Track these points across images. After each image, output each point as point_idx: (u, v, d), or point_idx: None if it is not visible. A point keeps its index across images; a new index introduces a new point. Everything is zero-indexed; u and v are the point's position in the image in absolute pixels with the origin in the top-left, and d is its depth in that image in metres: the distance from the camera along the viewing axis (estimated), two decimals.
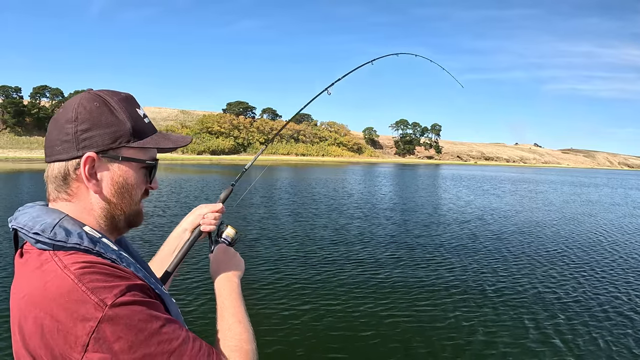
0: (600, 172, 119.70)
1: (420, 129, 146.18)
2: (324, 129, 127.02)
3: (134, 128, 0.91)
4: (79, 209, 0.90)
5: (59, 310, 0.74)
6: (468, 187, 32.44)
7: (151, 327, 0.77)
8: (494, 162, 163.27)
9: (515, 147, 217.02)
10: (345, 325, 5.77)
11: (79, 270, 0.77)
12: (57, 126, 0.89)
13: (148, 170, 0.96)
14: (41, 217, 0.85)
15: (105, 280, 0.77)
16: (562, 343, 5.49)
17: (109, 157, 0.89)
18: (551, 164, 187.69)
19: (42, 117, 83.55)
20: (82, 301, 0.74)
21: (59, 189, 0.90)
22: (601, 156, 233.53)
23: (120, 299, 0.76)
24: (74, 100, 0.89)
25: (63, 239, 0.81)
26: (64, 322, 0.74)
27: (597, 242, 12.31)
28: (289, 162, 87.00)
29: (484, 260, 9.51)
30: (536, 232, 13.39)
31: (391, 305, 6.53)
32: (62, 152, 0.88)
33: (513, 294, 7.26)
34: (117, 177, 0.91)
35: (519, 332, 5.77)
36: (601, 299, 7.17)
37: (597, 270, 9.07)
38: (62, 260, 0.79)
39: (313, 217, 14.69)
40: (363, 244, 10.64)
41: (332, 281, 7.61)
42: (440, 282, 7.74)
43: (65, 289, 0.75)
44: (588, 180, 57.16)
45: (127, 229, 0.99)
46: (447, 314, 6.27)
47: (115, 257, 0.85)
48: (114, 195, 0.92)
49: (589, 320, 6.22)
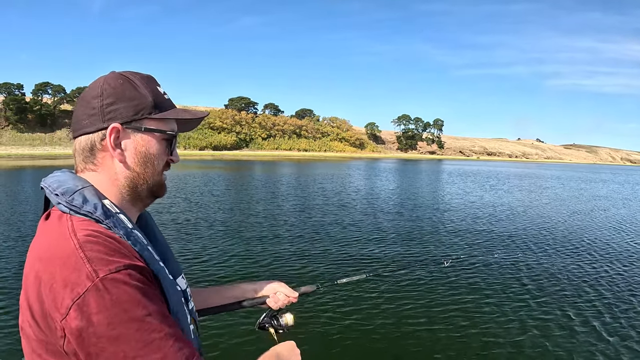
0: (604, 167, 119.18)
1: (423, 124, 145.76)
2: (326, 124, 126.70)
3: (155, 101, 0.97)
4: (104, 178, 0.95)
5: (56, 270, 0.78)
6: (490, 186, 31.96)
7: (136, 311, 0.77)
8: (497, 157, 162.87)
9: (517, 142, 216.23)
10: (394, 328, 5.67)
11: (84, 238, 0.81)
12: (84, 103, 0.95)
13: (169, 142, 1.01)
14: (67, 182, 0.92)
15: (106, 253, 0.80)
16: None
17: (132, 128, 0.95)
18: (553, 159, 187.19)
19: (44, 114, 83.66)
20: (77, 267, 0.77)
21: (86, 160, 0.95)
22: (603, 152, 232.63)
23: (113, 274, 0.77)
24: (99, 80, 0.96)
25: (78, 205, 0.86)
26: (57, 282, 0.77)
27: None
28: (291, 157, 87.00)
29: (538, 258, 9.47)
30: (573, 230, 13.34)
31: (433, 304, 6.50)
32: (89, 125, 0.93)
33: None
34: (140, 147, 0.96)
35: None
36: None
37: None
38: (73, 225, 0.84)
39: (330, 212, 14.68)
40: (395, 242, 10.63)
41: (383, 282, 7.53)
42: (480, 282, 7.61)
43: (66, 252, 0.79)
44: (594, 175, 56.83)
45: (151, 199, 1.04)
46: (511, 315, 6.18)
47: (123, 233, 0.87)
48: (137, 164, 0.97)
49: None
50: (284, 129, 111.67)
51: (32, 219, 11.81)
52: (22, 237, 9.71)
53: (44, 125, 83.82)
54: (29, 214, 12.59)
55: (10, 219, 11.96)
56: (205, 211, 13.66)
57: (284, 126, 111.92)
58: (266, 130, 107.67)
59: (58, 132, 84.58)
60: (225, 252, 8.87)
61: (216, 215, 13.33)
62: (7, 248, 8.71)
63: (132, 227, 0.91)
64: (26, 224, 11.26)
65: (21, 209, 13.73)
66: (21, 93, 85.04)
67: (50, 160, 50.43)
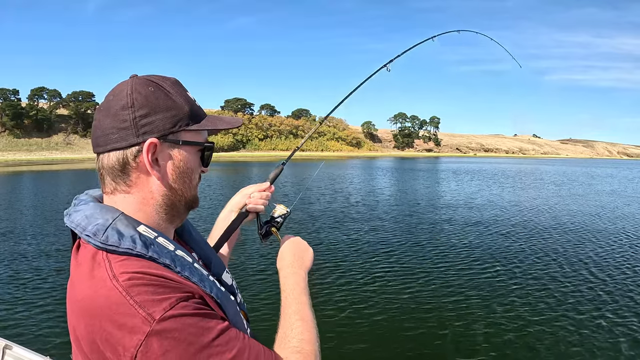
0: (602, 162, 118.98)
1: (419, 122, 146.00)
2: (323, 123, 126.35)
3: (191, 111, 0.89)
4: (138, 200, 0.87)
5: (108, 322, 0.73)
6: (500, 184, 31.91)
7: (202, 340, 0.74)
8: (494, 153, 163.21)
9: (514, 138, 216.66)
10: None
11: (128, 282, 0.75)
12: (110, 114, 0.84)
13: (202, 153, 0.93)
14: (94, 216, 0.83)
15: (155, 293, 0.75)
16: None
17: (169, 142, 0.86)
18: (550, 154, 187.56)
19: (41, 119, 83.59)
20: (130, 315, 0.72)
21: (117, 179, 0.86)
22: (600, 146, 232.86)
23: (169, 312, 0.73)
24: (124, 87, 0.86)
25: (115, 244, 0.79)
26: (112, 333, 0.73)
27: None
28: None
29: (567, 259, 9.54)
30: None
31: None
32: (120, 140, 0.83)
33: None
34: (179, 162, 0.88)
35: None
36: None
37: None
38: (112, 269, 0.77)
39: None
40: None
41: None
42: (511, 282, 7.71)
43: (114, 301, 0.74)
44: (598, 170, 56.60)
45: (187, 213, 0.97)
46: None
47: (169, 261, 0.82)
48: (176, 181, 0.89)
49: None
50: (281, 129, 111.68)
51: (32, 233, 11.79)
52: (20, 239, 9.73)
53: (41, 130, 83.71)
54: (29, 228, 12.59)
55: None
56: (203, 212, 13.65)
57: (281, 126, 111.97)
58: (263, 131, 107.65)
59: (55, 137, 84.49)
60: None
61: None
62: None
63: (174, 249, 0.85)
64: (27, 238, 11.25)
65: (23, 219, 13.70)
66: (17, 98, 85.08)
67: (47, 166, 50.35)
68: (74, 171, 41.81)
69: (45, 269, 8.08)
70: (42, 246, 9.89)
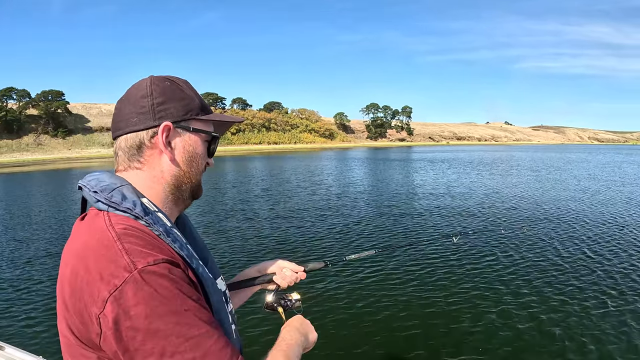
0: (578, 147, 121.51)
1: (391, 112, 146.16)
2: (295, 116, 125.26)
3: (201, 104, 1.02)
4: (148, 176, 0.96)
5: (92, 262, 0.77)
6: (478, 171, 31.41)
7: (176, 304, 0.75)
8: (466, 141, 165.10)
9: (486, 125, 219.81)
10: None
11: (122, 230, 0.80)
12: (131, 102, 0.96)
13: (208, 145, 1.04)
14: (105, 180, 0.91)
15: (145, 247, 0.78)
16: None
17: (181, 127, 0.97)
18: (522, 141, 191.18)
19: (10, 120, 79.22)
20: (114, 259, 0.75)
21: (132, 157, 0.95)
22: (571, 132, 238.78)
23: (152, 267, 0.75)
24: (143, 81, 0.97)
25: (117, 202, 0.85)
26: (93, 274, 0.75)
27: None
28: (261, 151, 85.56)
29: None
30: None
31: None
32: (138, 123, 0.94)
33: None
34: (188, 146, 0.98)
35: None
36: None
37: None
38: (110, 219, 0.83)
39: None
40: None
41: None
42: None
43: (104, 244, 0.78)
44: (572, 155, 57.53)
45: (191, 200, 1.05)
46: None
47: (163, 230, 0.86)
48: (184, 163, 0.98)
49: None
50: (253, 122, 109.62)
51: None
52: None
53: (10, 131, 79.40)
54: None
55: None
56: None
57: (253, 120, 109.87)
58: (235, 125, 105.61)
59: (25, 138, 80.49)
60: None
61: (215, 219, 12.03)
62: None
63: (170, 226, 0.90)
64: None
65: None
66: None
67: (18, 168, 47.70)
68: (45, 172, 39.54)
69: (38, 270, 7.74)
70: (28, 249, 9.22)
